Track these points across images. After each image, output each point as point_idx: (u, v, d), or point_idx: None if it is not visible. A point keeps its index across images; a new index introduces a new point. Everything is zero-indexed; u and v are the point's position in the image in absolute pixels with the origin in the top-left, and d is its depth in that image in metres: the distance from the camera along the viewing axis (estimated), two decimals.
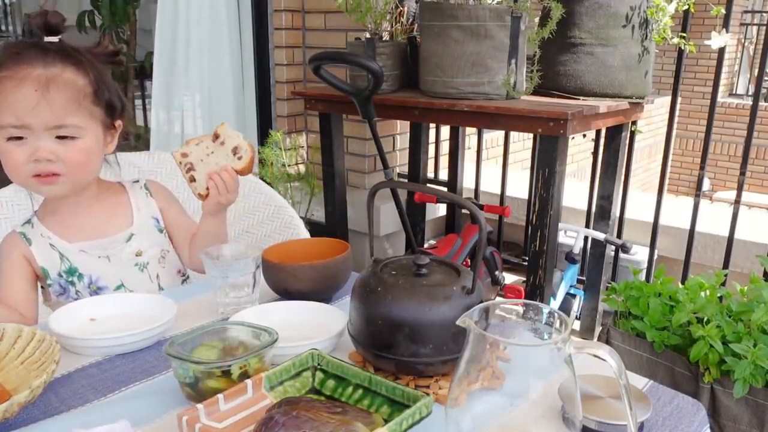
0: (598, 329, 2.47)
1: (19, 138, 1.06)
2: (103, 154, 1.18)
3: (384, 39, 2.27)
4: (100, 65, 1.13)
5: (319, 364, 0.79)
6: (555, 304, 2.37)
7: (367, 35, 2.27)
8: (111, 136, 1.18)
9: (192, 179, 1.15)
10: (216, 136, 1.16)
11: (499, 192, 2.98)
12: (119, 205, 1.24)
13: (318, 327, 0.94)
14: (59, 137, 1.07)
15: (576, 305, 2.49)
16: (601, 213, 2.40)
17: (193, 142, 1.16)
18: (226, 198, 1.17)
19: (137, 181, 1.29)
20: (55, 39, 1.10)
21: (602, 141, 2.45)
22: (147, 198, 1.27)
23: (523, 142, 4.27)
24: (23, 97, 1.03)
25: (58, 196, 1.15)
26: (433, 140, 3.14)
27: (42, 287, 1.22)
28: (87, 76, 1.09)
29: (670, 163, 2.42)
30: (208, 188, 1.16)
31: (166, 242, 1.27)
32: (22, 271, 1.16)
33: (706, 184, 6.89)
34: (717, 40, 2.00)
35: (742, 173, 2.17)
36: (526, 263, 2.82)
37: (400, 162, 2.97)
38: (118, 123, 1.18)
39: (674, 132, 4.00)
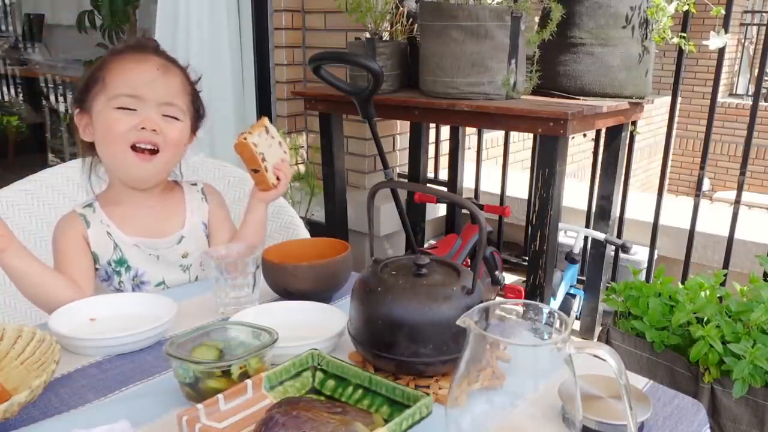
0: (598, 329, 2.47)
1: (130, 110, 1.13)
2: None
3: (384, 39, 2.27)
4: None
5: (319, 364, 0.79)
6: (555, 304, 2.37)
7: (367, 35, 2.26)
8: (189, 140, 1.25)
9: (266, 170, 1.20)
10: (266, 130, 1.21)
11: (499, 192, 2.98)
12: (175, 206, 1.28)
13: (318, 327, 0.94)
14: (165, 115, 1.16)
15: (576, 305, 2.49)
16: (601, 213, 2.40)
17: (255, 132, 1.19)
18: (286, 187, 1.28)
19: (195, 184, 1.32)
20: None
21: (602, 141, 2.45)
22: (201, 202, 1.30)
23: (523, 142, 4.27)
24: (144, 71, 1.15)
25: (144, 180, 1.20)
26: (433, 140, 3.13)
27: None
28: (189, 81, 1.23)
29: (670, 163, 2.42)
30: (278, 178, 1.23)
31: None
32: (82, 248, 1.19)
33: (706, 184, 6.89)
34: (715, 40, 1.99)
35: (742, 173, 2.17)
36: (526, 263, 2.82)
37: (400, 162, 2.97)
38: (193, 136, 1.27)
39: (674, 132, 4.00)
